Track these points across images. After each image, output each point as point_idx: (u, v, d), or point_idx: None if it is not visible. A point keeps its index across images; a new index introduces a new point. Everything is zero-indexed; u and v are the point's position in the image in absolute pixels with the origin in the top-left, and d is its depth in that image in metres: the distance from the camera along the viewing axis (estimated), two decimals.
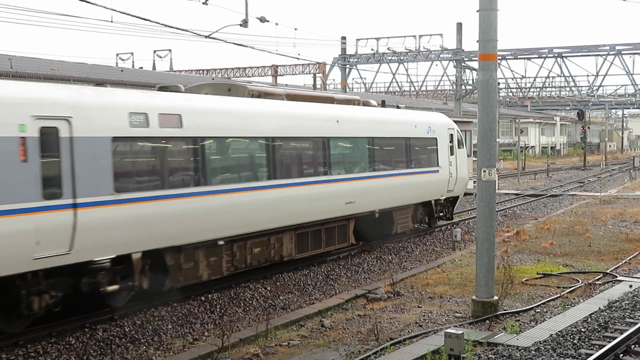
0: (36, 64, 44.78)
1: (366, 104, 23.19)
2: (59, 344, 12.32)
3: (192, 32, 27.04)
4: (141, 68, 68.09)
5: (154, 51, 74.74)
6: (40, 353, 11.85)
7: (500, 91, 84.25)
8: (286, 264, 18.93)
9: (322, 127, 19.25)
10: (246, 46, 35.52)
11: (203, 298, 15.61)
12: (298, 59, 47.53)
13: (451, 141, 26.20)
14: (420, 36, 57.43)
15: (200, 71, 72.37)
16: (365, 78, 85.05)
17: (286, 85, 69.47)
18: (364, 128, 21.12)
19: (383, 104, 25.08)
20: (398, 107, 26.14)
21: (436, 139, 25.00)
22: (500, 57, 67.31)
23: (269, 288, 17.01)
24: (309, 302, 16.23)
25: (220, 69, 71.18)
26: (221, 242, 15.84)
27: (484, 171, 14.39)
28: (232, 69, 70.61)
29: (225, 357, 12.11)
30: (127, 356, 12.15)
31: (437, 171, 24.97)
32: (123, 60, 73.48)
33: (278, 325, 14.06)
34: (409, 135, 23.30)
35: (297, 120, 18.40)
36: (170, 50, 75.59)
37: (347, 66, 60.25)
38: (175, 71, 71.64)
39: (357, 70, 71.20)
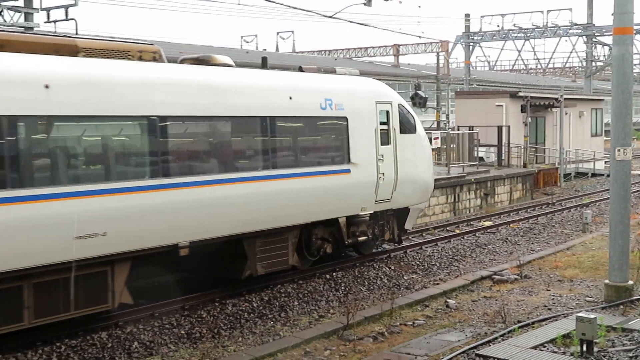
0: (165, 47, 46.24)
1: (202, 61, 13.93)
2: (191, 317, 12.80)
3: (316, 12, 27.25)
4: (264, 50, 69.29)
5: (277, 33, 75.86)
6: (174, 325, 12.35)
7: (634, 67, 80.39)
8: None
9: None
10: (369, 25, 35.46)
11: (328, 276, 15.79)
12: (420, 37, 47.03)
13: (385, 122, 16.44)
14: (548, 11, 55.70)
15: (322, 52, 72.85)
16: (489, 56, 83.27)
17: (408, 64, 69.00)
18: (134, 101, 11.68)
19: (263, 63, 15.70)
20: (300, 70, 16.16)
21: (346, 118, 15.44)
22: (635, 32, 64.03)
23: (392, 267, 17.01)
24: (433, 282, 16.12)
25: (342, 49, 71.38)
26: None
27: (619, 150, 13.77)
28: (354, 49, 70.65)
29: (351, 334, 12.22)
30: (256, 330, 12.47)
31: (348, 171, 15.37)
32: (247, 42, 74.99)
33: (402, 304, 14.06)
34: (271, 113, 13.87)
35: None
36: (292, 32, 76.44)
37: (471, 44, 59.07)
38: (297, 52, 72.47)
39: (481, 48, 69.72)
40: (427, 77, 53.02)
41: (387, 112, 16.54)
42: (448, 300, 14.58)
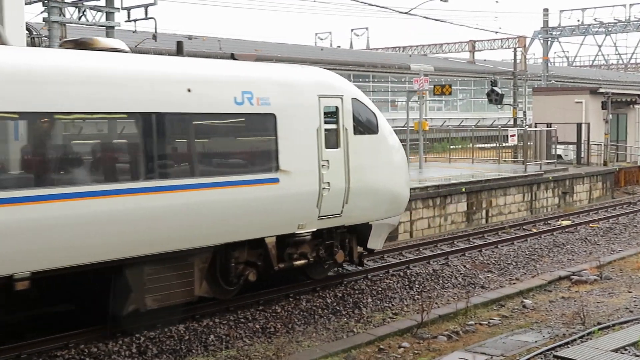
0: (241, 45, 47.08)
1: (83, 44, 11.62)
2: (265, 311, 12.93)
3: (391, 9, 27.11)
4: (339, 47, 69.41)
5: (352, 30, 75.88)
6: (249, 319, 12.51)
7: None
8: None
9: None
10: (444, 21, 35.08)
11: (402, 274, 15.73)
12: (497, 33, 46.31)
13: (332, 122, 13.58)
14: (631, 5, 54.06)
15: (397, 48, 72.52)
16: (568, 51, 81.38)
17: (484, 60, 68.09)
18: None
19: (178, 49, 13.52)
20: (232, 57, 13.32)
21: (274, 115, 12.55)
22: None
23: (467, 266, 16.81)
24: (509, 281, 15.86)
25: (416, 46, 70.90)
26: None
27: None
28: (429, 45, 70.09)
29: (425, 332, 12.14)
30: (329, 327, 12.52)
31: (275, 180, 12.47)
32: (322, 39, 75.30)
33: (477, 303, 13.87)
34: (158, 109, 11.07)
35: None
36: (367, 29, 76.38)
37: (549, 39, 57.83)
38: (371, 49, 72.33)
39: (560, 43, 68.17)
40: (503, 73, 52.18)
41: (336, 108, 13.60)
42: (524, 300, 14.32)
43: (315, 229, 13.32)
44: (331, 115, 13.53)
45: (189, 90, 11.47)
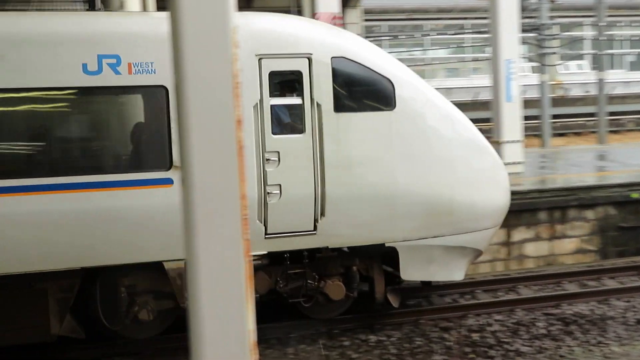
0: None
1: None
2: None
3: None
4: None
5: None
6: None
7: None
8: None
9: None
10: None
11: None
12: None
13: (295, 94, 9.03)
14: None
15: None
16: None
17: None
18: None
19: None
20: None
21: (164, 89, 8.33)
22: None
23: None
24: None
25: None
26: None
27: None
28: None
29: None
30: None
31: (168, 182, 8.47)
32: None
33: None
34: None
35: None
36: None
37: None
38: None
39: None
40: None
41: (300, 74, 9.01)
42: None
43: (265, 252, 9.09)
44: (293, 83, 9.14)
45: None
